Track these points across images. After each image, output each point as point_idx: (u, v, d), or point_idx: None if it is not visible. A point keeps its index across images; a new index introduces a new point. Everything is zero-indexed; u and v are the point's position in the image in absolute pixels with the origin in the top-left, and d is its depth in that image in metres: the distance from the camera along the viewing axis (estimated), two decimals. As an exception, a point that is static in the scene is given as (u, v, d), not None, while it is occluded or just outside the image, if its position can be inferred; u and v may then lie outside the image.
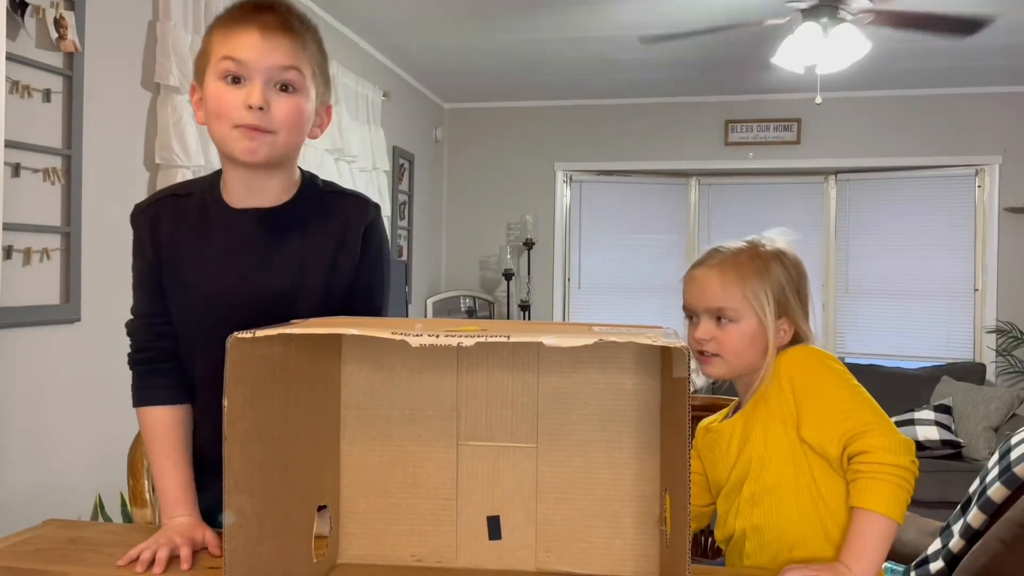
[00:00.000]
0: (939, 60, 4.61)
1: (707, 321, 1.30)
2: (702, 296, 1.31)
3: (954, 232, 5.40)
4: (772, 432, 1.25)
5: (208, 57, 1.17)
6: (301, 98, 1.17)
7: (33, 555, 1.11)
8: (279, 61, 1.14)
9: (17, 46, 2.17)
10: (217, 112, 1.15)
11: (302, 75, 1.17)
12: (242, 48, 1.13)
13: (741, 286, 1.29)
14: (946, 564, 1.66)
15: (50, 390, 2.36)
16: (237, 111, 1.13)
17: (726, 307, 1.29)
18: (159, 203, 1.30)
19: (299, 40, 1.17)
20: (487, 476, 1.07)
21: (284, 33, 1.15)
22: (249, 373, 0.83)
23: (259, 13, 1.15)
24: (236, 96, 1.13)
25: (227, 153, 1.18)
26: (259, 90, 1.13)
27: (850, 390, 1.22)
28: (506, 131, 5.92)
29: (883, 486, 1.11)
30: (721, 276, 1.31)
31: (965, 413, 4.45)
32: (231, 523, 0.81)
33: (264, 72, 1.14)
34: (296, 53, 1.16)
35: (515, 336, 0.83)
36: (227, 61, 1.14)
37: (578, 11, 3.91)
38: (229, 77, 1.14)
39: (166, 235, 1.25)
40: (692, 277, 1.35)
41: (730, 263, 1.31)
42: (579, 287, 5.97)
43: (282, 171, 1.23)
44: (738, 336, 1.28)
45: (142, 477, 1.48)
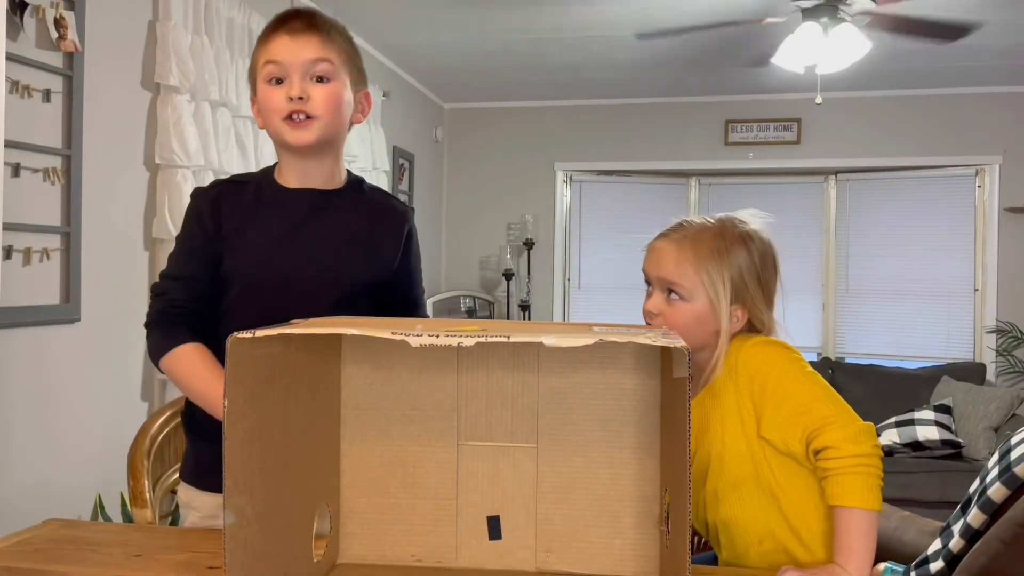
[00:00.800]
0: (939, 60, 4.61)
1: (659, 293, 1.29)
2: (657, 267, 1.29)
3: (954, 232, 5.40)
4: (730, 429, 1.23)
5: (255, 67, 1.36)
6: (337, 84, 1.33)
7: (33, 555, 1.11)
8: (309, 55, 1.30)
9: (17, 46, 2.17)
10: (268, 110, 1.33)
11: (332, 65, 1.32)
12: (278, 51, 1.31)
13: (696, 265, 1.26)
14: (946, 564, 1.66)
15: (50, 390, 2.36)
16: (282, 105, 1.31)
17: (677, 284, 1.26)
18: (221, 186, 1.42)
19: (325, 34, 1.33)
20: (487, 476, 1.07)
21: (310, 31, 1.32)
22: (249, 373, 0.83)
23: (288, 20, 1.33)
24: (280, 93, 1.31)
25: (281, 143, 1.35)
26: (297, 83, 1.30)
27: (808, 383, 1.19)
28: (506, 131, 5.92)
29: (853, 479, 1.11)
30: (678, 251, 1.28)
31: (965, 413, 4.45)
32: (231, 523, 0.81)
33: (299, 67, 1.30)
34: (324, 46, 1.32)
35: (515, 336, 0.83)
36: (269, 65, 1.32)
37: (578, 10, 3.91)
38: (273, 80, 1.32)
39: (226, 211, 1.36)
40: (652, 247, 1.33)
41: (691, 240, 1.29)
42: (579, 287, 5.97)
43: (331, 156, 1.39)
44: (685, 315, 1.26)
45: (142, 477, 1.47)
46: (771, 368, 1.21)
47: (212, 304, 1.37)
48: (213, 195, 1.38)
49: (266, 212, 1.36)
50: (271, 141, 1.40)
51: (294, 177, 1.38)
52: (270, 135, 1.36)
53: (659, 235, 1.34)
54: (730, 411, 1.23)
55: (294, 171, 1.38)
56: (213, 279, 1.36)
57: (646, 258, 1.33)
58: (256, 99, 1.37)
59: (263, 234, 1.35)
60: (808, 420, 1.16)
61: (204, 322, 1.36)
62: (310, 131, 1.31)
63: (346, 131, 1.40)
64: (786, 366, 1.21)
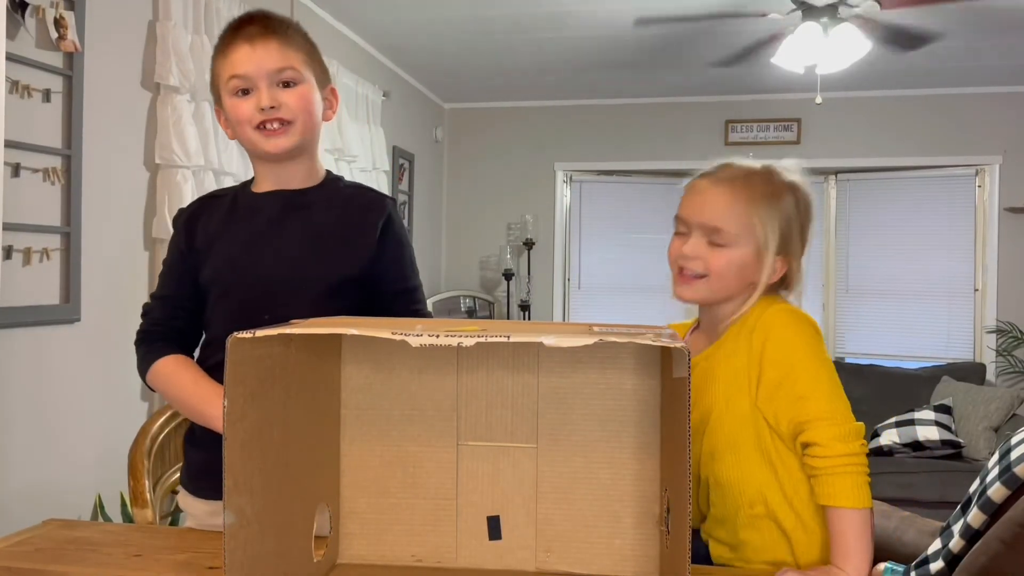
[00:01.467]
0: (939, 60, 4.61)
1: (699, 238, 1.21)
2: (701, 210, 1.21)
3: (954, 232, 5.40)
4: (735, 390, 1.20)
5: (218, 80, 1.35)
6: (304, 87, 1.33)
7: (33, 555, 1.11)
8: (273, 65, 1.30)
9: (17, 46, 2.17)
10: (238, 121, 1.33)
11: (296, 69, 1.32)
12: (239, 64, 1.30)
13: (747, 210, 1.19)
14: (946, 564, 1.65)
15: (50, 390, 2.36)
16: (253, 115, 1.30)
17: (725, 229, 1.19)
18: (198, 202, 1.45)
19: (283, 39, 1.32)
20: (487, 476, 1.07)
21: (268, 36, 1.31)
22: (249, 373, 0.83)
23: (243, 28, 1.32)
24: (249, 104, 1.31)
25: (256, 153, 1.35)
26: (266, 92, 1.30)
27: (816, 369, 1.15)
28: (506, 131, 5.92)
29: (843, 479, 1.10)
30: (730, 194, 1.20)
31: (965, 413, 4.45)
32: (231, 523, 0.81)
33: (264, 77, 1.30)
34: (284, 51, 1.32)
35: (515, 336, 0.83)
36: (233, 80, 1.31)
37: (579, 9, 3.91)
38: (239, 92, 1.31)
39: (201, 226, 1.38)
40: (696, 188, 1.23)
41: (742, 183, 1.20)
42: (579, 287, 5.97)
43: (306, 158, 1.38)
44: (729, 261, 1.19)
45: (142, 477, 1.47)
46: (786, 341, 1.17)
47: (193, 319, 1.40)
48: (188, 212, 1.42)
49: (239, 219, 1.38)
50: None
51: (269, 183, 1.38)
52: (243, 145, 1.36)
53: (702, 175, 1.25)
54: (739, 371, 1.19)
55: (267, 177, 1.38)
56: (192, 295, 1.38)
57: (686, 199, 1.24)
58: (222, 110, 1.36)
59: (234, 239, 1.36)
60: (801, 408, 1.13)
61: (186, 337, 1.40)
62: (287, 136, 1.31)
63: (319, 131, 1.39)
64: (801, 344, 1.17)
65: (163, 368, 1.35)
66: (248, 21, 1.33)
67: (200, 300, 1.39)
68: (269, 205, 1.37)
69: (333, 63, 3.89)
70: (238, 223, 1.37)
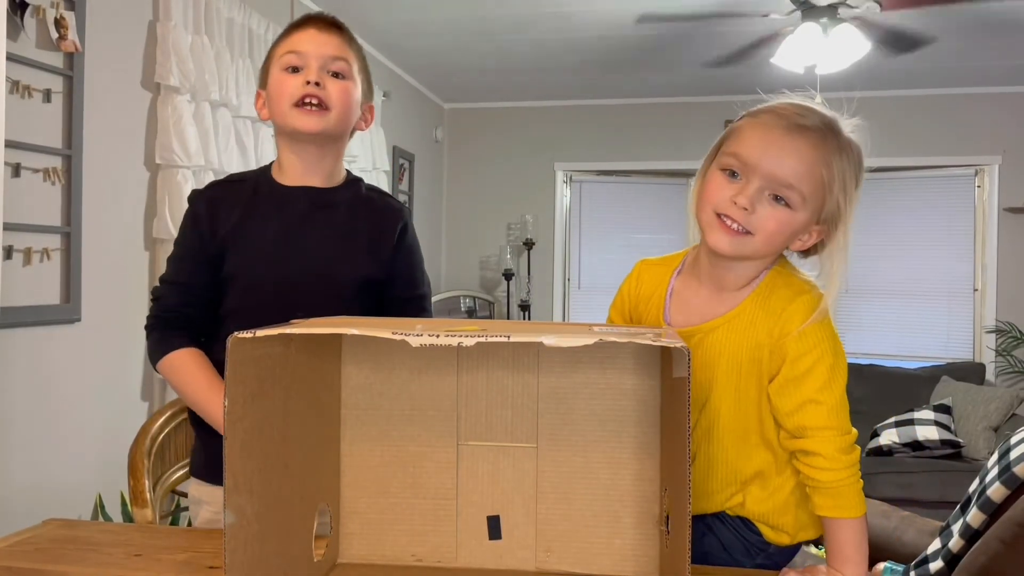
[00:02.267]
0: (939, 60, 4.61)
1: (760, 190, 1.05)
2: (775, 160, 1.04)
3: (954, 232, 5.40)
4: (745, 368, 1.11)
5: (272, 59, 1.38)
6: (350, 83, 1.37)
7: (33, 555, 1.11)
8: (331, 51, 1.35)
9: (17, 46, 2.17)
10: (279, 95, 1.34)
11: (350, 66, 1.37)
12: (301, 41, 1.35)
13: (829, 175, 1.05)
14: (946, 564, 1.66)
15: (50, 390, 2.36)
16: (296, 89, 1.32)
17: (799, 188, 1.04)
18: (217, 186, 1.44)
19: (346, 36, 1.39)
20: (487, 476, 1.07)
21: (334, 29, 1.37)
22: (249, 373, 0.83)
23: (314, 19, 1.38)
24: (296, 80, 1.33)
25: (288, 129, 1.35)
26: (315, 70, 1.33)
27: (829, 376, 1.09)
28: (506, 131, 5.92)
29: (848, 491, 1.06)
30: (812, 151, 1.04)
31: (965, 413, 4.45)
32: (231, 523, 0.81)
33: (319, 59, 1.34)
34: (344, 46, 1.37)
35: (515, 336, 0.83)
36: (289, 54, 1.34)
37: (578, 9, 3.91)
38: (290, 68, 1.34)
39: (225, 212, 1.37)
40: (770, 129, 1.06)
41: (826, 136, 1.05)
42: (579, 287, 5.97)
43: (334, 152, 1.41)
44: (787, 224, 1.06)
45: (142, 477, 1.47)
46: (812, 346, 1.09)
47: (208, 308, 1.37)
48: (209, 196, 1.39)
49: (265, 210, 1.37)
50: (271, 141, 1.41)
51: (293, 173, 1.39)
52: (276, 122, 1.37)
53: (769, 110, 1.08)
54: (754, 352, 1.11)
55: (294, 166, 1.38)
56: (209, 283, 1.36)
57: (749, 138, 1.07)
58: (266, 89, 1.38)
59: (263, 232, 1.35)
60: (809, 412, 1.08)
61: (199, 326, 1.37)
62: (320, 120, 1.33)
63: (349, 133, 1.41)
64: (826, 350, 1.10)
65: (177, 361, 1.33)
66: (320, 16, 1.39)
67: (216, 289, 1.37)
68: (296, 200, 1.37)
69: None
70: (266, 215, 1.36)
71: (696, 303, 1.18)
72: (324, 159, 1.39)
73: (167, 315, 1.36)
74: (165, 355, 1.34)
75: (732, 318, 1.14)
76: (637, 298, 1.25)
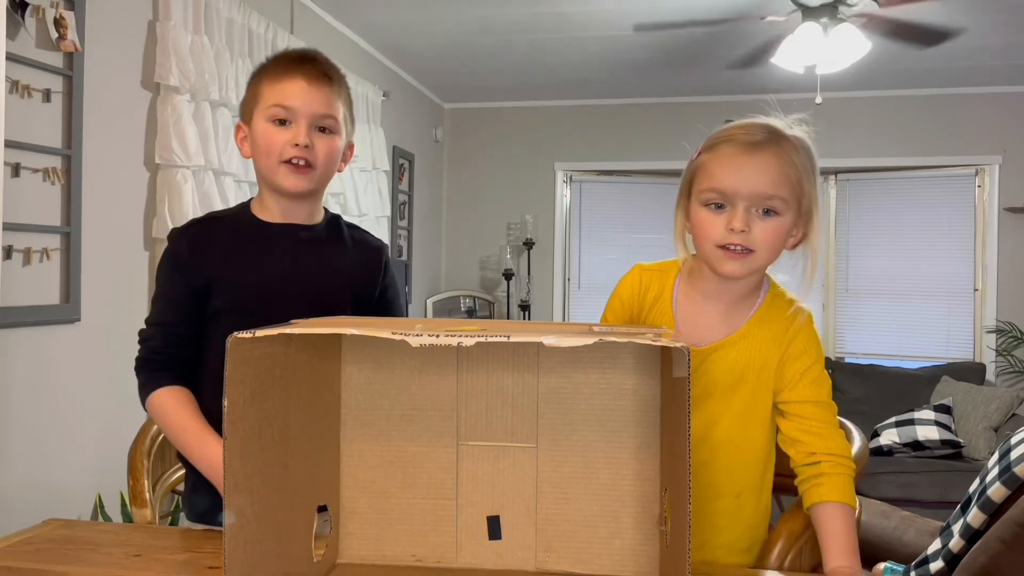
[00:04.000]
0: (939, 60, 4.61)
1: (747, 210, 1.12)
2: (750, 180, 1.11)
3: (954, 232, 5.40)
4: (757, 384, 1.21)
5: (257, 101, 1.35)
6: (336, 138, 1.37)
7: (33, 555, 1.11)
8: (320, 109, 1.33)
9: (17, 46, 2.17)
10: (267, 150, 1.33)
11: (337, 120, 1.36)
12: (290, 96, 1.32)
13: (797, 173, 1.12)
14: (946, 564, 1.66)
15: (50, 390, 2.36)
16: (285, 148, 1.32)
17: (778, 195, 1.11)
18: (198, 224, 1.42)
19: (335, 89, 1.37)
20: (487, 476, 1.07)
21: (324, 83, 1.35)
22: (249, 373, 0.83)
23: (303, 64, 1.35)
24: (283, 136, 1.32)
25: (274, 185, 1.36)
26: (304, 131, 1.32)
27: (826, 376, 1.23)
28: (506, 131, 5.92)
29: (846, 480, 1.15)
30: (776, 159, 1.12)
31: (965, 413, 4.45)
32: (231, 523, 0.81)
33: (308, 117, 1.33)
34: (333, 101, 1.36)
35: (515, 336, 0.83)
36: (277, 108, 1.32)
37: (579, 9, 3.91)
38: (277, 120, 1.33)
39: (210, 249, 1.36)
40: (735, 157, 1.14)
41: (781, 144, 1.13)
42: (579, 287, 5.97)
43: (315, 198, 1.42)
44: (781, 231, 1.13)
45: (142, 477, 1.47)
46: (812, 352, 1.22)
47: (193, 345, 1.37)
48: (190, 235, 1.38)
49: (250, 247, 1.37)
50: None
51: (276, 212, 1.39)
52: (260, 172, 1.36)
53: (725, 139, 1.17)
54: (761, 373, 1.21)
55: (275, 209, 1.39)
56: (194, 322, 1.36)
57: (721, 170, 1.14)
58: (247, 128, 1.37)
59: (253, 270, 1.35)
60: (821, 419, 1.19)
61: (183, 364, 1.37)
62: (308, 180, 1.34)
63: (331, 179, 1.43)
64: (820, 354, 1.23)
65: (158, 400, 1.34)
66: (311, 60, 1.36)
67: (200, 328, 1.36)
68: (282, 238, 1.38)
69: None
70: (252, 252, 1.36)
71: (703, 321, 1.24)
72: (305, 205, 1.40)
73: (153, 356, 1.36)
74: (148, 396, 1.34)
75: (739, 339, 1.22)
76: (642, 302, 1.28)
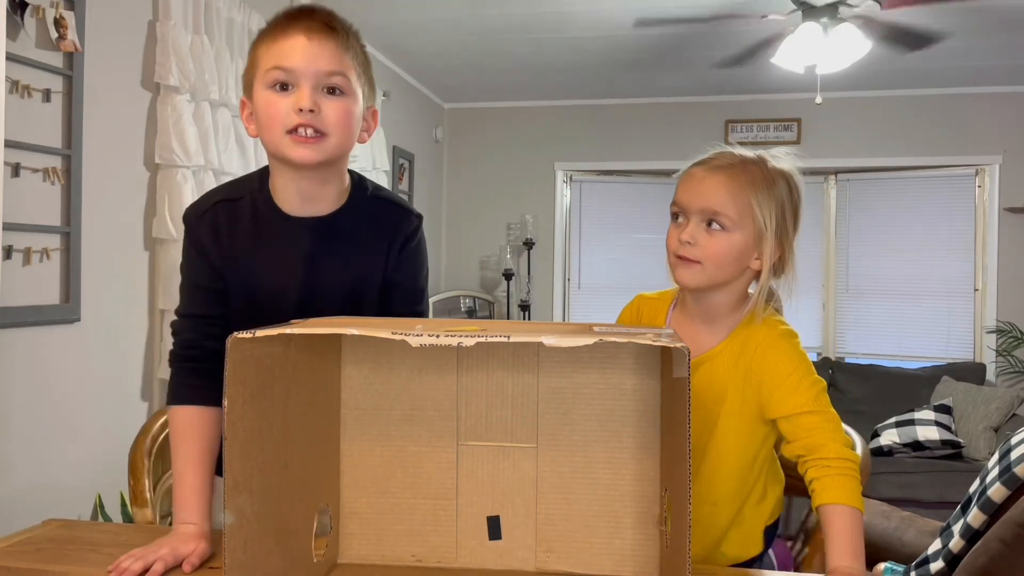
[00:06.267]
0: (939, 60, 4.61)
1: (697, 224, 1.23)
2: (701, 196, 1.23)
3: (954, 232, 5.40)
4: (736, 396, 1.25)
5: (255, 69, 1.20)
6: (349, 100, 1.20)
7: (33, 555, 1.11)
8: (325, 66, 1.16)
9: (17, 46, 2.17)
10: (269, 120, 1.17)
11: (347, 79, 1.19)
12: (289, 55, 1.16)
13: (747, 194, 1.21)
14: (946, 564, 1.65)
15: (50, 390, 2.36)
16: (288, 116, 1.16)
17: (723, 212, 1.21)
18: (215, 209, 1.27)
19: (343, 42, 1.19)
20: (487, 476, 1.07)
21: (328, 36, 1.18)
22: (249, 373, 0.83)
23: (302, 18, 1.18)
24: (286, 102, 1.16)
25: (282, 159, 1.20)
26: (308, 93, 1.16)
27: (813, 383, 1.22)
28: (506, 131, 5.92)
29: (851, 482, 1.14)
30: (728, 179, 1.22)
31: (965, 413, 4.45)
32: (231, 523, 0.81)
33: (312, 77, 1.16)
34: (340, 56, 1.18)
35: (515, 336, 0.83)
36: (275, 71, 1.16)
37: (579, 8, 3.91)
38: (278, 85, 1.17)
39: (226, 240, 1.25)
40: (694, 175, 1.25)
41: (739, 169, 1.23)
42: (579, 287, 5.97)
43: (334, 177, 1.25)
44: (728, 245, 1.22)
45: (142, 477, 1.47)
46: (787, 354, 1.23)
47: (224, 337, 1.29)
48: (209, 221, 1.26)
49: (268, 242, 1.26)
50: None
51: (293, 200, 1.25)
52: (267, 147, 1.21)
53: (697, 163, 1.27)
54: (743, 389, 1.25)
55: (292, 193, 1.24)
56: (224, 312, 1.27)
57: (683, 186, 1.25)
58: (251, 102, 1.21)
59: (267, 265, 1.25)
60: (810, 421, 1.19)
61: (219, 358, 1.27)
62: (317, 150, 1.17)
63: (351, 149, 1.25)
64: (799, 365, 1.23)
65: (178, 417, 1.23)
66: (309, 13, 1.19)
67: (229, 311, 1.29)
68: (299, 233, 1.25)
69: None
70: (268, 247, 1.26)
71: (689, 338, 1.28)
72: (325, 185, 1.24)
73: (188, 351, 1.26)
74: (178, 403, 1.24)
75: (716, 354, 1.26)
76: (639, 323, 1.38)
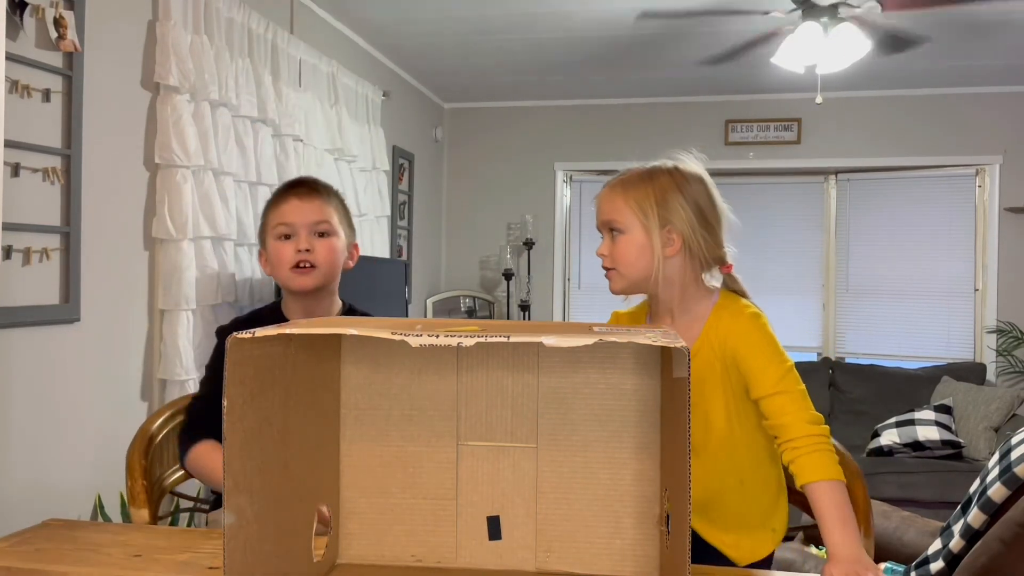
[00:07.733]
0: (939, 60, 4.61)
1: (606, 237, 1.38)
2: (601, 212, 1.39)
3: (954, 232, 5.40)
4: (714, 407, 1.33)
5: (266, 227, 1.71)
6: (334, 239, 1.69)
7: (33, 555, 1.11)
8: (313, 217, 1.67)
9: (17, 46, 2.17)
10: (278, 261, 1.67)
11: (331, 224, 1.68)
12: (288, 213, 1.67)
13: (625, 198, 1.35)
14: (946, 564, 1.66)
15: (50, 390, 2.36)
16: (291, 256, 1.65)
17: (615, 219, 1.36)
18: (244, 319, 1.78)
19: (324, 198, 1.70)
20: (487, 476, 1.07)
21: (314, 195, 1.69)
22: (249, 373, 0.83)
23: (296, 187, 1.71)
24: (289, 247, 1.66)
25: (288, 288, 1.68)
26: (305, 237, 1.65)
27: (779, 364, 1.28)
28: (506, 131, 5.92)
29: (823, 456, 1.19)
30: (610, 191, 1.39)
31: (965, 413, 4.45)
32: (231, 523, 0.81)
33: (305, 226, 1.66)
34: (324, 207, 1.69)
35: (515, 336, 0.82)
36: (280, 226, 1.68)
37: (579, 8, 3.91)
38: (283, 236, 1.67)
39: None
40: (595, 197, 1.44)
41: (621, 180, 1.39)
42: (579, 287, 5.97)
43: (328, 296, 1.71)
44: (627, 247, 1.34)
45: (139, 477, 1.47)
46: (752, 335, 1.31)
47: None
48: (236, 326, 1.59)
49: None
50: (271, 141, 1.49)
51: (299, 316, 1.67)
52: (279, 282, 1.70)
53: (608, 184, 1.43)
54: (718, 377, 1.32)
55: (299, 310, 1.69)
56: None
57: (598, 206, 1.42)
58: (266, 251, 1.71)
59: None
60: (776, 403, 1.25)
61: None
62: (312, 277, 1.65)
63: (339, 275, 1.72)
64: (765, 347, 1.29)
65: (202, 451, 1.52)
66: (300, 183, 1.72)
67: None
68: None
69: (333, 63, 3.89)
70: None
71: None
72: (321, 302, 1.70)
73: (195, 421, 1.57)
74: (189, 449, 1.54)
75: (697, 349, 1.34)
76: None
